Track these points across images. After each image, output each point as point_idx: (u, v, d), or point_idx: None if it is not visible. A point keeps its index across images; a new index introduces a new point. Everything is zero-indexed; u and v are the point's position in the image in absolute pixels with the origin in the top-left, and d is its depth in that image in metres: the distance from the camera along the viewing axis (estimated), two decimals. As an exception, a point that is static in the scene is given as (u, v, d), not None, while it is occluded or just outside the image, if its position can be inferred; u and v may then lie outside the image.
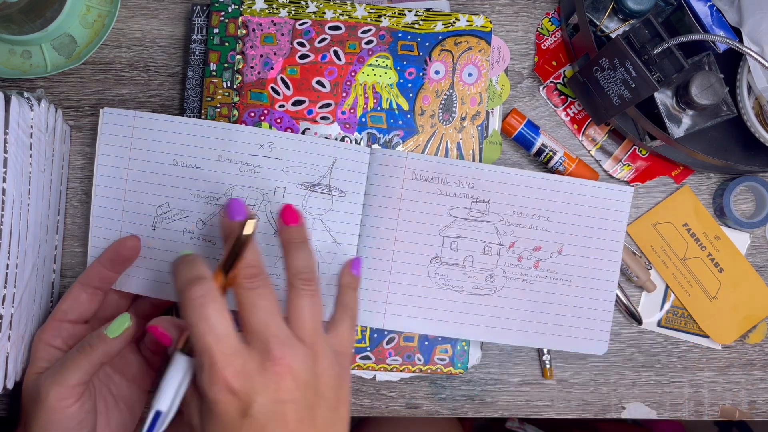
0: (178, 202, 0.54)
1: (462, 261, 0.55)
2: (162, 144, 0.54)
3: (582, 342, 0.56)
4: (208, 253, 0.54)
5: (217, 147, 0.54)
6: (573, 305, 0.55)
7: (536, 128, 0.59)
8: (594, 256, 0.55)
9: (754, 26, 0.55)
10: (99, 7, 0.60)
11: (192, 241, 0.54)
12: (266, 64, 0.56)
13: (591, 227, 0.55)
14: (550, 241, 0.55)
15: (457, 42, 0.57)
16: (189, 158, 0.54)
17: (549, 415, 0.61)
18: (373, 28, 0.57)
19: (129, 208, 0.55)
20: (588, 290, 0.55)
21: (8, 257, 0.50)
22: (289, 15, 0.57)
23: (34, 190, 0.53)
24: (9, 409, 0.59)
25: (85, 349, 0.48)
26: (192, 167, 0.54)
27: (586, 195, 0.55)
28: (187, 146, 0.54)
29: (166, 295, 0.54)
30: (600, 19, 0.58)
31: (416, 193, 0.55)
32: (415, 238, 0.55)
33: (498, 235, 0.55)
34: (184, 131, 0.54)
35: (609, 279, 0.55)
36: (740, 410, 0.61)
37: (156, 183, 0.54)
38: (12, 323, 0.50)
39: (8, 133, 0.49)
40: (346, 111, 0.56)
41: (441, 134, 0.57)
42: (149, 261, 0.54)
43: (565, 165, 0.59)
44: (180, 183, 0.54)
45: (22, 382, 0.52)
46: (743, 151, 0.60)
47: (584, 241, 0.55)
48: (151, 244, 0.54)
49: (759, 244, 0.62)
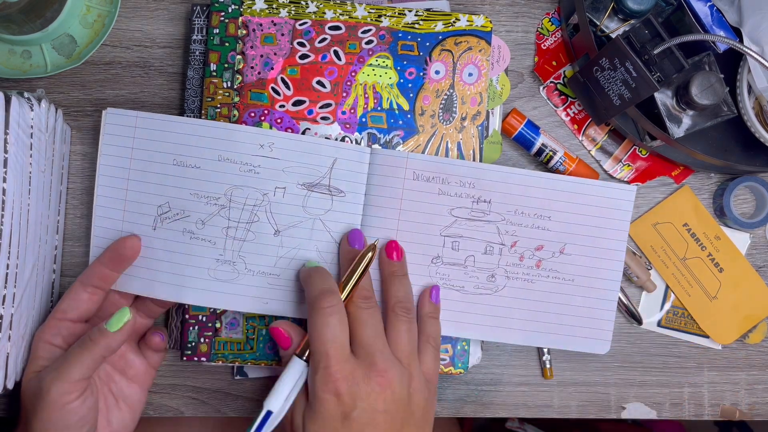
0: (178, 202, 0.54)
1: (463, 261, 0.55)
2: (163, 144, 0.54)
3: (584, 341, 0.56)
4: (207, 253, 0.54)
5: (218, 147, 0.54)
6: (575, 305, 0.55)
7: (536, 128, 0.59)
8: (597, 256, 0.55)
9: (754, 26, 0.55)
10: (99, 7, 0.60)
11: (192, 241, 0.54)
12: (266, 64, 0.56)
13: (593, 226, 0.55)
14: (552, 240, 0.55)
15: (458, 42, 0.57)
16: (189, 158, 0.54)
17: (549, 415, 0.61)
18: (373, 28, 0.57)
19: (130, 208, 0.55)
20: (591, 290, 0.55)
21: (8, 257, 0.50)
22: (289, 15, 0.57)
23: (34, 190, 0.53)
24: (9, 409, 0.59)
25: (87, 344, 0.49)
26: (192, 167, 0.54)
27: (589, 194, 0.55)
28: (188, 146, 0.54)
29: (165, 295, 0.54)
30: (600, 19, 0.58)
31: (417, 193, 0.54)
32: (416, 238, 0.55)
33: (500, 235, 0.55)
34: (185, 131, 0.54)
35: (612, 278, 0.55)
36: (740, 410, 0.62)
37: (157, 183, 0.54)
38: (12, 323, 0.50)
39: (8, 133, 0.49)
40: (346, 111, 0.56)
41: (441, 134, 0.57)
42: (149, 261, 0.54)
43: (565, 165, 0.59)
44: (180, 183, 0.54)
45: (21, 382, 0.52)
46: (743, 151, 0.60)
47: (587, 241, 0.55)
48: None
49: (759, 244, 0.62)
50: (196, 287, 0.54)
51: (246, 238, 0.54)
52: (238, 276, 0.54)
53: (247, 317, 0.56)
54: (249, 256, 0.54)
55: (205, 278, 0.54)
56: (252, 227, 0.54)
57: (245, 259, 0.54)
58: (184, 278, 0.54)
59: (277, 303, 0.54)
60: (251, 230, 0.54)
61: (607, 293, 0.55)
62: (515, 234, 0.55)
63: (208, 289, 0.54)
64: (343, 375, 0.46)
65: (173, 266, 0.54)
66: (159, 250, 0.54)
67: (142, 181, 0.54)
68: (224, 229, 0.54)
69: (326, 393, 0.46)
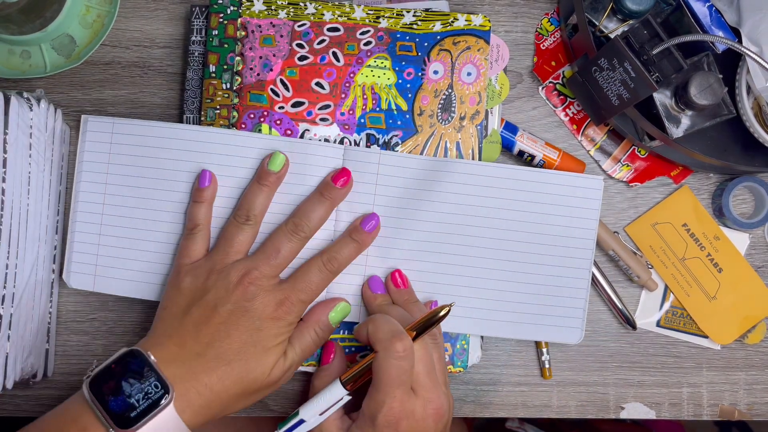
0: (157, 207, 0.55)
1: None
2: (140, 148, 0.55)
3: (555, 330, 0.56)
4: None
5: (195, 149, 0.54)
6: (545, 294, 0.56)
7: (514, 131, 0.59)
8: (566, 245, 0.56)
9: (753, 26, 0.55)
10: (98, 8, 0.60)
11: (174, 250, 0.55)
12: (265, 65, 0.56)
13: (562, 216, 0.56)
14: (519, 230, 0.55)
15: (456, 41, 0.57)
16: (167, 161, 0.55)
17: (548, 415, 0.61)
18: (371, 29, 0.57)
19: (109, 212, 0.56)
20: (561, 278, 0.56)
21: (7, 257, 0.50)
22: (288, 17, 0.57)
23: (33, 190, 0.53)
24: (9, 409, 0.59)
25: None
26: (171, 170, 0.55)
27: (557, 184, 0.56)
28: (167, 149, 0.55)
29: (148, 295, 0.55)
30: (599, 19, 0.58)
31: (390, 188, 0.55)
32: (389, 233, 0.55)
33: (470, 228, 0.55)
34: (162, 135, 0.55)
35: (582, 267, 0.56)
36: (739, 410, 0.62)
37: (136, 186, 0.55)
38: (11, 323, 0.50)
39: (8, 134, 0.49)
40: (345, 112, 0.56)
41: (440, 134, 0.57)
42: (133, 263, 0.55)
43: (546, 167, 0.59)
44: (159, 186, 0.55)
45: (21, 381, 0.53)
46: (742, 152, 0.60)
47: (556, 230, 0.56)
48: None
49: (758, 245, 0.62)
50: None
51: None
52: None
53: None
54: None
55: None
56: None
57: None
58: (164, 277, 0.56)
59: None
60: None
61: (578, 282, 0.56)
62: (485, 226, 0.55)
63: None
64: (405, 413, 0.48)
65: (155, 266, 0.55)
66: (142, 252, 0.55)
67: (121, 185, 0.55)
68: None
69: (386, 428, 0.48)
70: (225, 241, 0.52)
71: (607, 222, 0.62)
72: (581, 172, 0.60)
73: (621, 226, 0.62)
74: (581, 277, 0.56)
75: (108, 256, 0.56)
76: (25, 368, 0.54)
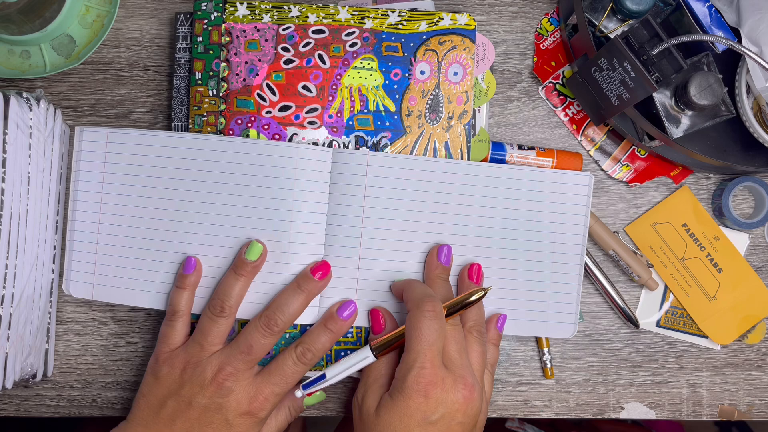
0: (152, 215, 0.55)
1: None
2: (135, 157, 0.55)
3: (548, 326, 0.57)
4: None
5: (188, 156, 0.54)
6: (535, 290, 0.56)
7: (502, 149, 0.59)
8: (556, 241, 0.56)
9: (752, 27, 0.55)
10: (98, 8, 0.60)
11: (170, 258, 0.55)
12: (251, 70, 0.56)
13: (552, 212, 0.56)
14: (509, 228, 0.56)
15: (442, 41, 0.57)
16: (162, 170, 0.54)
17: (548, 415, 0.61)
18: (356, 30, 0.57)
19: (106, 221, 0.55)
20: (553, 274, 0.56)
21: (7, 257, 0.50)
22: (272, 20, 0.56)
23: (33, 190, 0.53)
24: (9, 409, 0.59)
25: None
26: (165, 178, 0.54)
27: (546, 181, 0.56)
28: (161, 158, 0.54)
29: (145, 303, 0.55)
30: (599, 19, 0.58)
31: (380, 190, 0.55)
32: (380, 235, 0.55)
33: (460, 227, 0.55)
34: (157, 143, 0.54)
35: (573, 263, 0.56)
36: (739, 410, 0.62)
37: (132, 195, 0.55)
38: (11, 323, 0.50)
39: (7, 133, 0.49)
40: (333, 115, 0.56)
41: (429, 134, 0.57)
42: (131, 271, 0.55)
43: None
44: (155, 194, 0.55)
45: (20, 381, 0.53)
46: (742, 152, 0.60)
47: (546, 227, 0.56)
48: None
49: (758, 245, 0.62)
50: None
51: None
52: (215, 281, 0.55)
53: (242, 323, 0.56)
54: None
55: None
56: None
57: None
58: (164, 286, 0.55)
59: (245, 305, 0.54)
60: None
61: (570, 277, 0.56)
62: (476, 224, 0.55)
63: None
64: (435, 379, 0.48)
65: (153, 274, 0.55)
66: (136, 260, 0.55)
67: (116, 194, 0.55)
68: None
69: (416, 392, 0.48)
70: (201, 333, 0.52)
71: (607, 222, 0.62)
72: (579, 165, 0.60)
73: (621, 226, 0.62)
74: (573, 273, 0.56)
75: (106, 265, 0.55)
76: (24, 368, 0.54)
